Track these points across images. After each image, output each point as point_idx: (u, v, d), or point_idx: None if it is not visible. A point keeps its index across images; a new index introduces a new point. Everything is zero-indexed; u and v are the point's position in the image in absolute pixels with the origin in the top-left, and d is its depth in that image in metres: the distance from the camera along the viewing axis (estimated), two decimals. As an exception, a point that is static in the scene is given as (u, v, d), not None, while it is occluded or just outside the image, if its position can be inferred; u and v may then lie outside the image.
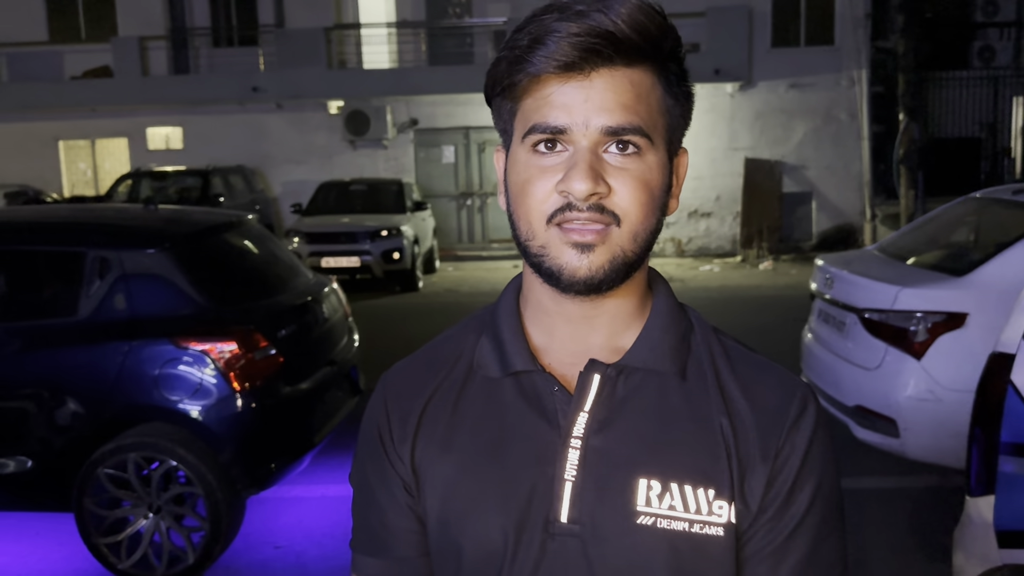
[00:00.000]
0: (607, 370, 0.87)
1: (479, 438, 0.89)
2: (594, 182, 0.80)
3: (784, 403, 0.87)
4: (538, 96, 0.82)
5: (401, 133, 15.40)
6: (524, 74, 0.81)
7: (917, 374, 3.91)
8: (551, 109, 0.81)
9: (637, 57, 0.81)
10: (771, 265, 13.13)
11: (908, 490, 4.35)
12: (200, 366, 3.62)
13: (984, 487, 2.30)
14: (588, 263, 0.82)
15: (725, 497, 0.84)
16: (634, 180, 0.82)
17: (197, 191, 13.00)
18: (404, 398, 0.94)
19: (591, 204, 0.80)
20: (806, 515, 0.86)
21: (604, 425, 0.86)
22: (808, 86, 14.64)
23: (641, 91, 0.82)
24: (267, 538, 4.00)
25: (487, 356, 0.92)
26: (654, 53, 0.83)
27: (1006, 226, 4.32)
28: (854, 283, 4.34)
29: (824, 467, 0.87)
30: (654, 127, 0.83)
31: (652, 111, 0.83)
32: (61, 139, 16.10)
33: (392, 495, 0.93)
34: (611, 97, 0.80)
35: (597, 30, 0.78)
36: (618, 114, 0.80)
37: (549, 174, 0.82)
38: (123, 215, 4.61)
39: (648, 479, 0.84)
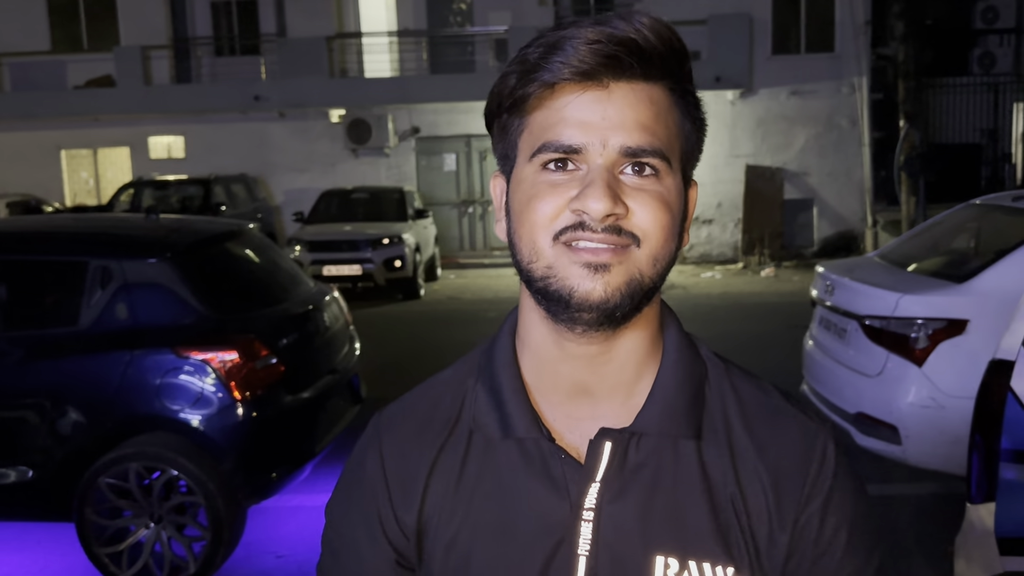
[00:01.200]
0: (619, 436, 0.81)
1: (486, 509, 0.84)
2: (612, 202, 0.73)
3: (804, 459, 0.83)
4: (551, 109, 0.75)
5: (403, 141, 15.44)
6: (537, 84, 0.75)
7: (918, 381, 3.91)
8: (565, 126, 0.74)
9: (658, 72, 0.76)
10: (773, 272, 13.13)
11: (910, 497, 4.34)
12: (201, 375, 3.62)
13: (985, 494, 2.29)
14: (603, 284, 0.74)
15: (744, 574, 0.80)
16: (654, 200, 0.76)
17: (199, 200, 13.03)
18: (404, 459, 0.87)
19: (607, 225, 0.74)
20: (842, 559, 0.82)
21: (618, 496, 0.81)
22: (809, 93, 14.67)
23: (660, 109, 0.76)
24: (269, 547, 3.99)
25: (486, 415, 0.85)
26: (674, 70, 0.77)
27: (1006, 232, 4.32)
28: (855, 290, 4.34)
29: (853, 511, 0.84)
30: (672, 149, 0.78)
31: (670, 132, 0.77)
32: (63, 148, 16.16)
33: (375, 549, 0.88)
34: (631, 115, 0.74)
35: (618, 37, 0.73)
36: (637, 134, 0.74)
37: (561, 190, 0.75)
38: (125, 224, 4.62)
39: (665, 556, 0.80)
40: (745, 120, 14.67)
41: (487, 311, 10.26)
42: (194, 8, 16.03)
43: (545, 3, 15.07)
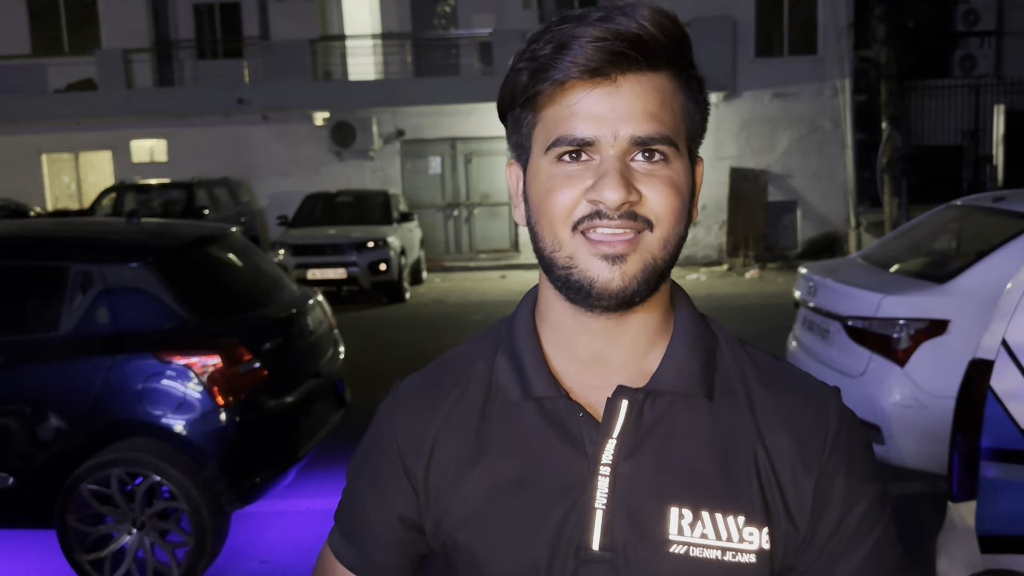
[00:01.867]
0: (634, 395, 0.85)
1: (505, 466, 0.87)
2: (626, 191, 0.78)
3: (821, 417, 0.86)
4: (563, 105, 0.79)
5: (387, 144, 15.41)
6: (549, 82, 0.78)
7: (901, 381, 3.94)
8: (577, 121, 0.78)
9: (662, 61, 0.79)
10: (757, 273, 13.19)
11: (893, 496, 4.36)
12: (183, 380, 3.60)
13: (966, 493, 2.31)
14: (621, 274, 0.80)
15: (756, 523, 0.84)
16: (665, 185, 0.80)
17: (182, 204, 12.95)
18: (416, 417, 0.92)
19: (623, 212, 0.78)
20: (860, 524, 0.86)
21: (633, 452, 0.85)
22: (792, 95, 14.76)
23: (666, 96, 0.80)
24: (252, 553, 3.97)
25: (506, 378, 0.89)
26: (677, 57, 0.81)
27: (987, 233, 4.36)
28: (837, 291, 4.37)
29: (872, 474, 0.88)
30: (679, 133, 0.81)
31: (676, 117, 0.81)
32: (44, 152, 16.02)
33: (384, 507, 0.93)
34: (639, 105, 0.78)
35: (623, 33, 0.76)
36: (646, 123, 0.78)
37: (576, 181, 0.80)
38: (106, 229, 4.58)
39: (680, 507, 0.84)
40: (729, 122, 14.75)
41: (472, 314, 10.25)
42: (176, 11, 15.94)
43: (529, 6, 15.10)
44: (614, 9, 0.78)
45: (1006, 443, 2.21)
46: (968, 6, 14.99)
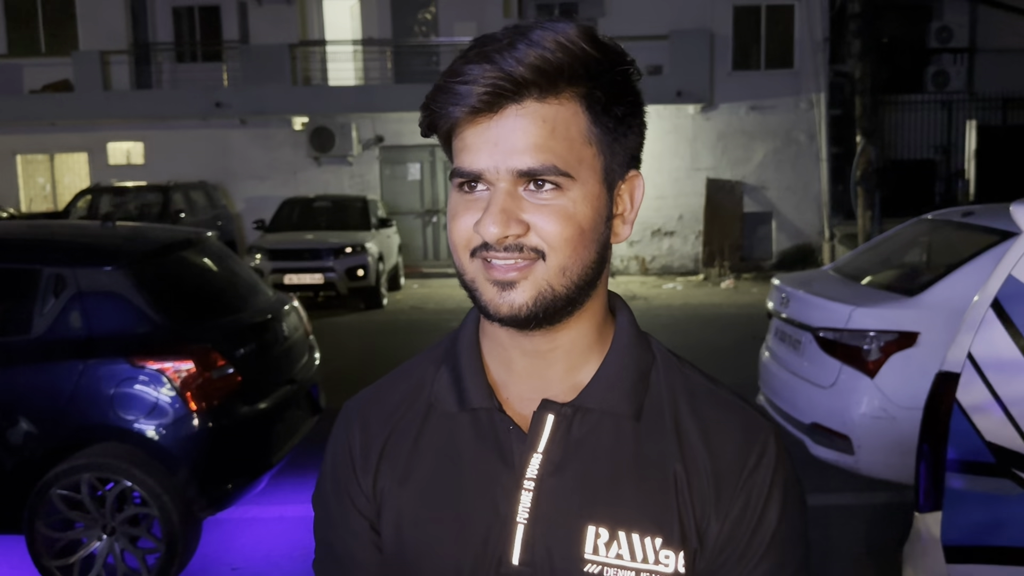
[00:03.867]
0: (561, 409, 0.86)
1: (438, 474, 0.89)
2: (504, 226, 0.78)
3: (743, 449, 0.86)
4: (458, 139, 0.82)
5: (366, 150, 15.38)
6: (443, 119, 0.80)
7: (870, 392, 3.99)
8: (468, 154, 0.80)
9: (549, 91, 0.78)
10: (732, 283, 13.30)
11: (862, 506, 4.42)
12: (156, 385, 3.57)
13: (932, 503, 2.35)
14: (510, 300, 0.80)
15: (673, 546, 0.84)
16: (555, 215, 0.79)
17: (158, 207, 12.84)
18: (366, 429, 0.94)
19: (507, 244, 0.79)
20: (764, 556, 0.85)
21: (558, 468, 0.85)
22: (768, 108, 14.92)
23: (557, 126, 0.78)
24: (224, 559, 3.94)
25: (445, 390, 0.91)
26: (572, 83, 0.79)
27: (956, 247, 4.44)
28: (809, 302, 4.42)
29: (783, 508, 0.86)
30: (577, 161, 0.80)
31: (573, 144, 0.79)
32: (19, 153, 15.81)
33: (355, 530, 0.93)
34: (520, 138, 0.78)
35: (500, 70, 0.77)
36: (529, 156, 0.78)
37: (472, 210, 0.81)
38: (80, 232, 4.54)
39: (597, 526, 0.84)
40: (706, 134, 14.88)
41: (450, 321, 10.24)
42: (155, 13, 15.82)
43: (509, 14, 15.15)
44: (520, 33, 0.78)
45: (971, 455, 2.25)
46: (942, 23, 15.25)
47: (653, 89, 14.21)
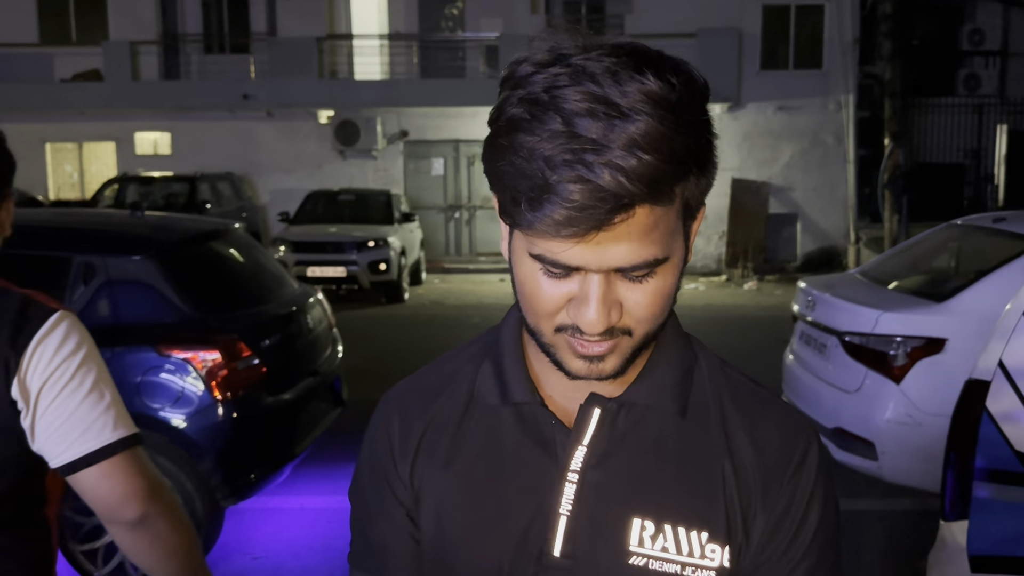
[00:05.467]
0: (608, 404, 0.86)
1: (478, 465, 0.89)
2: (607, 318, 0.76)
3: (789, 446, 0.87)
4: (543, 237, 0.74)
5: (391, 144, 15.43)
6: (525, 225, 0.73)
7: (896, 398, 3.95)
8: (561, 248, 0.74)
9: (658, 201, 0.73)
10: (755, 285, 13.22)
11: (885, 513, 4.38)
12: (182, 374, 3.61)
13: (958, 512, 2.32)
14: (599, 370, 0.80)
15: (719, 540, 0.84)
16: (649, 296, 0.78)
17: (184, 197, 12.96)
18: (406, 419, 0.94)
19: (602, 331, 0.77)
20: (805, 555, 0.86)
21: (602, 460, 0.86)
22: (796, 109, 14.80)
23: (660, 222, 0.74)
24: (245, 548, 3.97)
25: (487, 383, 0.91)
26: (679, 181, 0.74)
27: (986, 253, 4.38)
28: (836, 306, 4.38)
29: (824, 508, 0.87)
30: (672, 241, 0.77)
31: (670, 225, 0.76)
32: (48, 141, 16.03)
33: (392, 518, 0.93)
34: (625, 247, 0.73)
35: (604, 194, 0.69)
36: (632, 255, 0.74)
37: (560, 287, 0.77)
38: (109, 221, 4.59)
39: (642, 519, 0.84)
40: (732, 134, 14.78)
41: (471, 316, 10.26)
42: (184, 5, 15.96)
43: (537, 11, 15.13)
44: (607, 105, 0.70)
45: (1000, 464, 2.22)
46: (974, 26, 15.05)
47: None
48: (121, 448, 1.24)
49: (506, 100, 0.75)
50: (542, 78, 0.73)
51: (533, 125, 0.72)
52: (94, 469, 1.22)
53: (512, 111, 0.74)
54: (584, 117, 0.70)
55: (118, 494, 1.24)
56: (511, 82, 0.76)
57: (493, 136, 0.76)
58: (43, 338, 1.22)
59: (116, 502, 1.24)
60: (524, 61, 0.76)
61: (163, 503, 1.28)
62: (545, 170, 0.70)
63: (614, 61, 0.72)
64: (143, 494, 1.25)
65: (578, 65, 0.72)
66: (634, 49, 0.74)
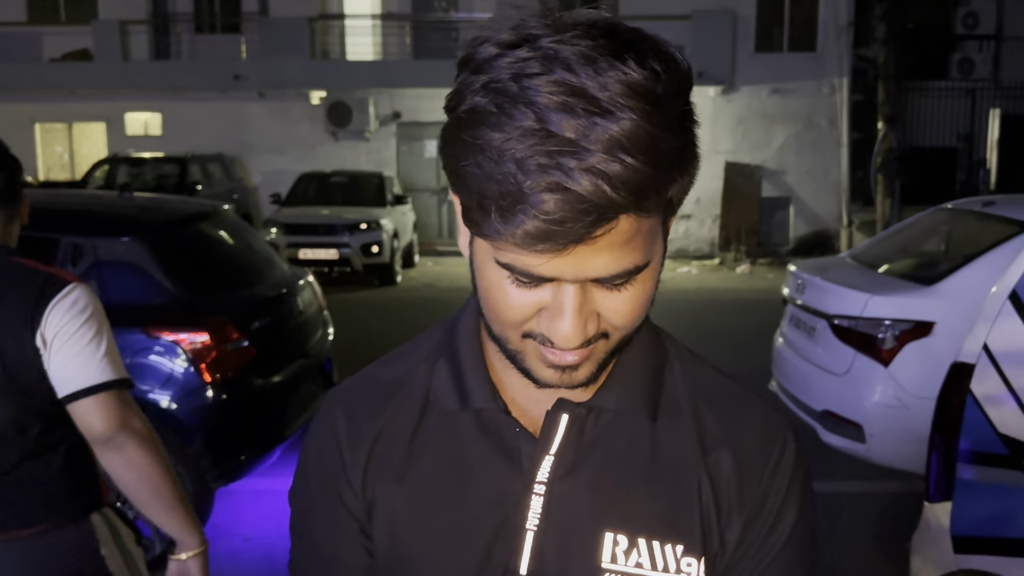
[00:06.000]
0: (576, 409, 0.80)
1: (437, 476, 0.82)
2: (582, 331, 0.69)
3: (765, 448, 0.82)
4: (514, 249, 0.66)
5: (383, 126, 15.36)
6: (492, 231, 0.65)
7: (884, 381, 3.98)
8: (534, 260, 0.66)
9: (643, 209, 0.65)
10: (748, 269, 13.24)
11: (873, 495, 4.41)
12: (171, 356, 3.60)
13: (942, 493, 2.34)
14: (571, 379, 0.74)
15: (695, 553, 0.79)
16: (629, 302, 0.71)
17: (175, 179, 12.89)
18: (354, 423, 0.86)
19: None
20: (779, 554, 0.83)
21: (571, 470, 0.80)
22: (790, 92, 14.77)
23: (642, 228, 0.67)
24: (235, 530, 3.99)
25: (444, 386, 0.84)
26: (665, 189, 0.67)
27: (976, 237, 4.39)
28: (825, 289, 4.40)
29: (800, 508, 0.84)
30: (653, 244, 0.70)
31: (652, 229, 0.69)
32: (37, 122, 15.90)
33: (344, 528, 0.86)
34: (605, 256, 0.66)
35: (584, 205, 0.61)
36: (612, 266, 0.67)
37: (529, 298, 0.69)
38: (98, 202, 4.56)
39: (615, 533, 0.79)
40: (726, 117, 14.75)
41: (463, 299, 10.13)
42: (175, -17, 15.80)
43: (531, -8, 15.00)
44: (586, 99, 0.61)
45: (983, 446, 2.24)
46: (968, 9, 15.01)
47: (673, 70, 14.06)
48: (110, 387, 1.55)
49: (466, 85, 0.67)
50: (508, 62, 0.64)
51: (501, 120, 0.63)
52: (87, 400, 1.53)
53: (475, 100, 0.65)
54: (559, 112, 0.61)
55: (103, 422, 1.54)
56: (472, 65, 0.67)
57: (453, 128, 0.67)
58: (59, 301, 1.55)
59: (101, 429, 1.54)
60: (486, 41, 0.67)
61: (139, 434, 1.58)
62: (517, 175, 0.62)
63: (590, 45, 0.63)
64: (122, 424, 1.55)
65: (549, 49, 0.63)
66: (611, 29, 0.66)
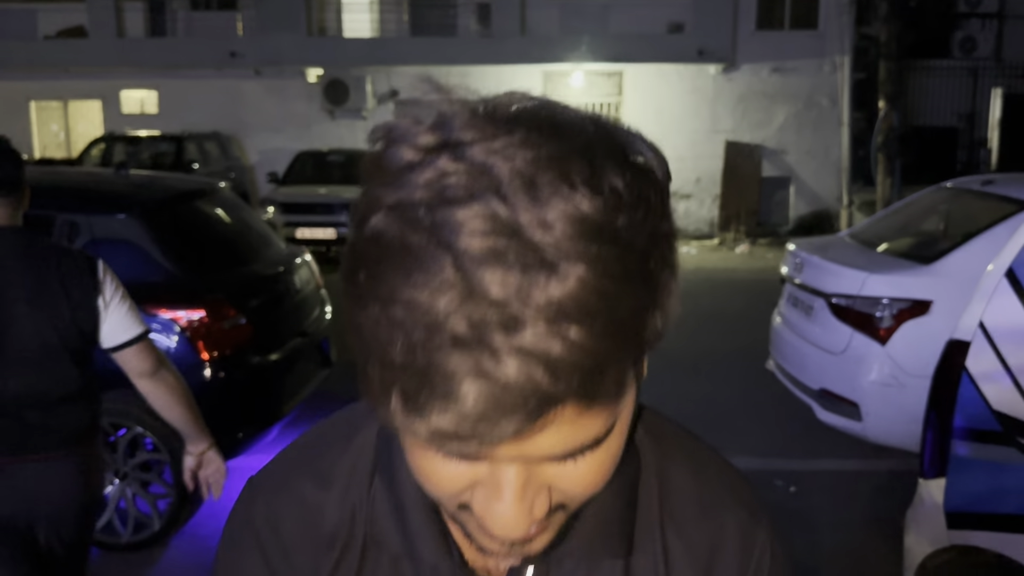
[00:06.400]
0: (542, 559, 0.68)
1: None
2: (528, 517, 0.54)
3: (739, 559, 0.73)
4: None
5: (381, 104, 15.26)
6: (395, 421, 0.52)
7: (881, 359, 3.98)
8: (457, 443, 0.51)
9: (594, 398, 0.51)
10: (747, 249, 13.22)
11: (868, 473, 4.43)
12: (168, 334, 3.60)
13: (936, 470, 2.35)
14: (523, 552, 0.59)
15: None
16: (590, 474, 0.56)
17: (171, 157, 12.83)
18: (280, 536, 0.71)
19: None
20: None
21: None
22: (791, 70, 14.67)
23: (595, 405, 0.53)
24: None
25: (386, 523, 0.69)
26: (626, 354, 0.52)
27: (975, 216, 4.38)
28: (823, 268, 4.39)
29: None
30: (618, 406, 0.54)
31: (616, 403, 0.54)
32: (33, 99, 15.80)
33: None
34: (552, 437, 0.51)
35: (515, 400, 0.47)
36: (562, 445, 0.52)
37: (461, 472, 0.55)
38: (94, 179, 4.55)
39: None
40: (726, 96, 14.66)
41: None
42: (171, -41, 15.65)
43: (530, -31, 14.87)
44: (517, 268, 0.46)
45: (977, 423, 2.25)
46: (971, -13, 14.90)
47: (674, 48, 13.98)
48: (145, 336, 2.11)
49: (372, 200, 0.51)
50: (425, 179, 0.49)
51: (408, 264, 0.47)
52: (132, 348, 2.09)
53: (380, 225, 0.50)
54: (486, 262, 0.46)
55: (145, 361, 2.10)
56: (379, 172, 0.52)
57: (354, 252, 0.52)
58: (106, 271, 2.09)
59: (146, 367, 2.10)
60: (399, 140, 0.53)
61: (168, 366, 2.16)
62: (426, 347, 0.47)
63: (529, 158, 0.48)
64: (158, 360, 2.13)
65: (477, 161, 0.49)
66: (557, 128, 0.51)
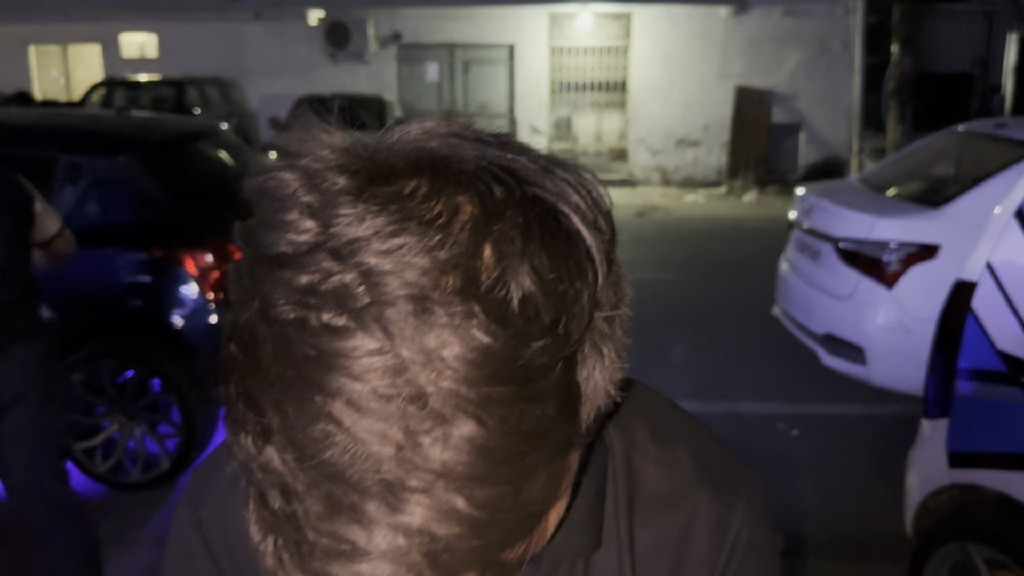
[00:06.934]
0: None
1: None
2: None
3: (712, 549, 0.69)
4: None
5: (383, 48, 15.03)
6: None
7: (887, 304, 3.97)
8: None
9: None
10: (756, 196, 13.12)
11: (871, 417, 4.46)
12: (175, 275, 3.60)
13: (940, 410, 2.36)
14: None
15: None
16: (523, 553, 0.47)
17: (172, 102, 12.71)
18: (232, 551, 0.68)
19: None
20: None
21: None
22: (803, 14, 14.37)
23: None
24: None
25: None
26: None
27: (986, 160, 4.32)
28: (832, 212, 4.36)
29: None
30: (536, 533, 0.47)
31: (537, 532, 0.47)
32: (31, 43, 15.59)
33: None
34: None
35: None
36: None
37: None
38: (95, 120, 4.50)
39: None
40: (737, 39, 14.39)
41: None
42: (169, -102, 15.28)
43: (537, -93, 14.50)
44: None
45: (981, 363, 2.24)
46: (990, -73, 14.48)
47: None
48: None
49: (248, 286, 0.42)
50: (297, 286, 0.39)
51: (280, 396, 0.40)
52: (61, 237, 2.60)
53: (250, 324, 0.41)
54: (359, 409, 0.38)
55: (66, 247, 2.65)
56: (253, 251, 0.43)
57: (225, 358, 0.43)
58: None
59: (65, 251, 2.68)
60: (274, 224, 0.42)
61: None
62: (297, 519, 0.40)
63: (419, 248, 0.39)
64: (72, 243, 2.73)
65: (343, 252, 0.39)
66: (453, 202, 0.41)
